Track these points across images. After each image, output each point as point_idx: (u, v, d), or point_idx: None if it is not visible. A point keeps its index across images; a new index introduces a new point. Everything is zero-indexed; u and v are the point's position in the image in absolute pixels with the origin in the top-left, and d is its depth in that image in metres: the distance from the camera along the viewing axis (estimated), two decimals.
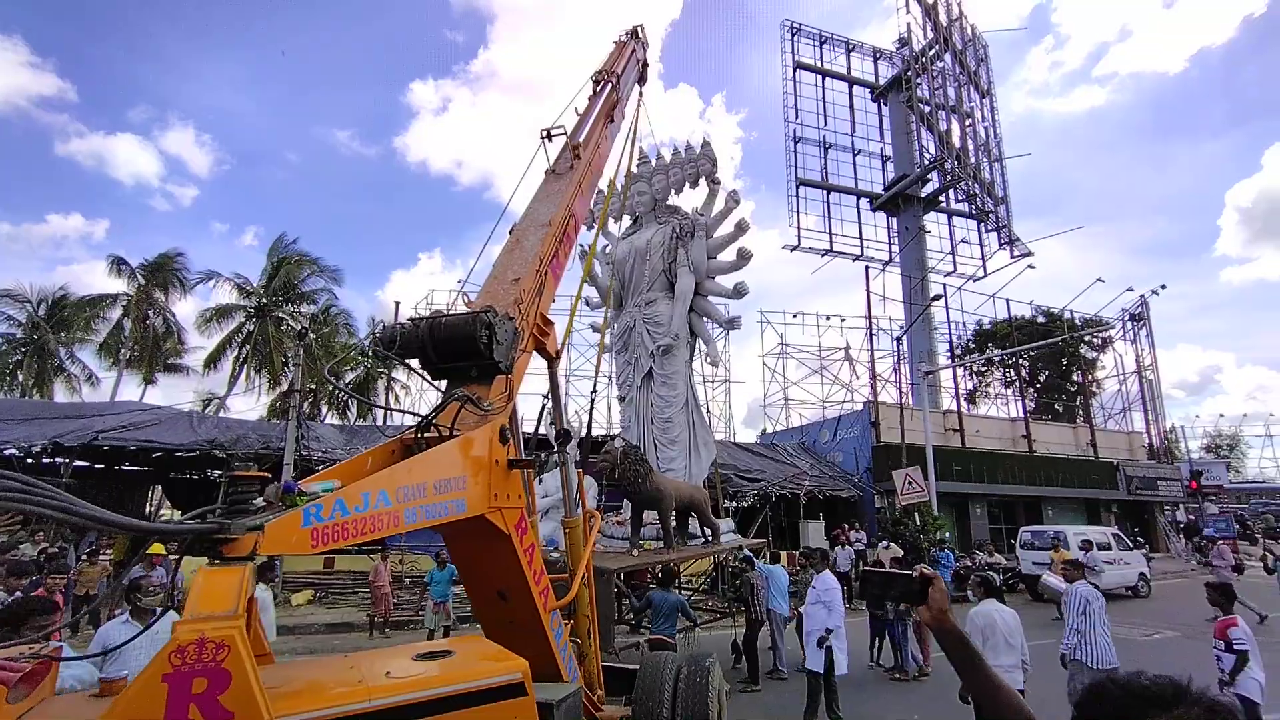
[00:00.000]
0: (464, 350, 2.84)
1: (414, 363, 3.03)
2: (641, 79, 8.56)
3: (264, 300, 27.07)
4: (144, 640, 3.03)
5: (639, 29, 8.42)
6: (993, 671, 1.38)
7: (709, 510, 9.63)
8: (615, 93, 6.68)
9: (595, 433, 21.11)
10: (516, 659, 2.37)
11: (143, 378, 27.28)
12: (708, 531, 9.55)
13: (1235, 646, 5.52)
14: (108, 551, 13.91)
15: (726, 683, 6.33)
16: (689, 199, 12.25)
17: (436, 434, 2.65)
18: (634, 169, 10.99)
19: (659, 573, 8.56)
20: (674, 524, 8.73)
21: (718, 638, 9.82)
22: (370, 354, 25.44)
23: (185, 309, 27.25)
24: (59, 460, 15.92)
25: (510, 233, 4.19)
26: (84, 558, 11.76)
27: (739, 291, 11.36)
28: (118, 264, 26.17)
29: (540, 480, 12.04)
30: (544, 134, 5.44)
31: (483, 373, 2.95)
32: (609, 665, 5.60)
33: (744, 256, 11.39)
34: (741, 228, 11.53)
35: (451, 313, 2.97)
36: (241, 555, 1.79)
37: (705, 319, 11.77)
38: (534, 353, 3.69)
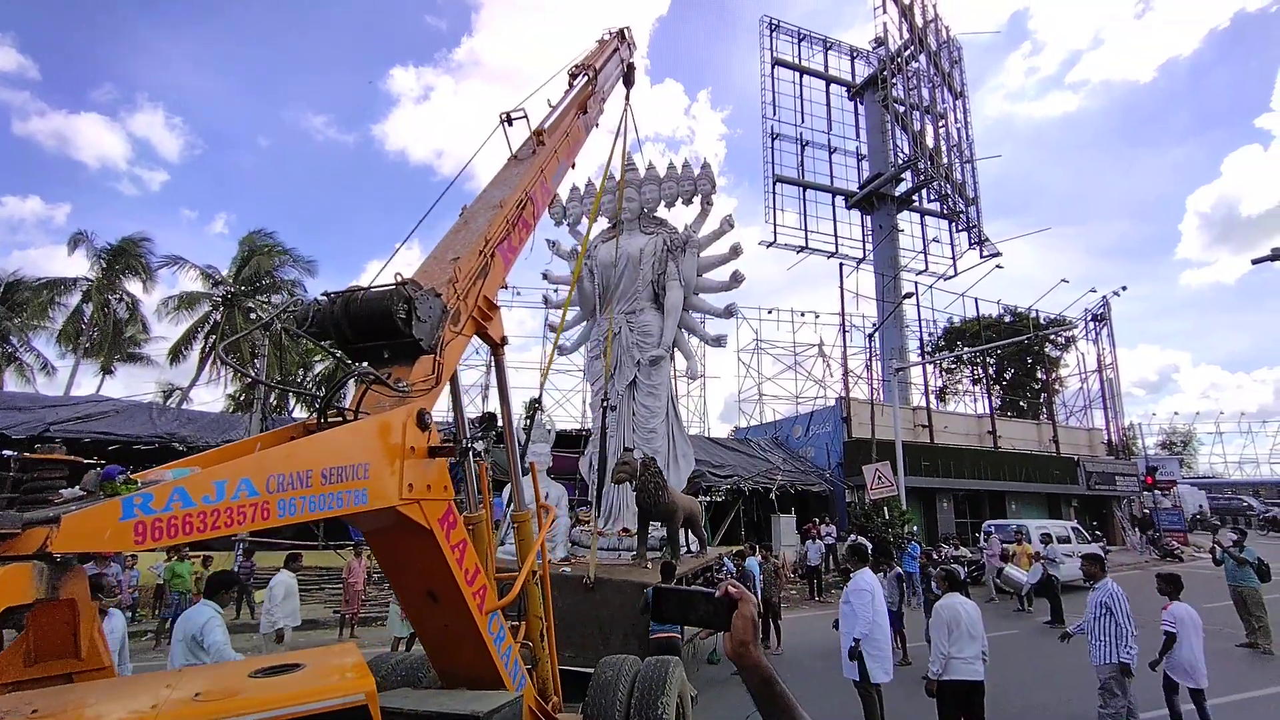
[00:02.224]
0: (382, 328, 2.62)
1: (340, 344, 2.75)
2: (628, 82, 8.33)
3: (232, 290, 26.34)
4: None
5: (625, 30, 8.14)
6: (802, 717, 1.17)
7: (700, 523, 10.19)
8: (591, 85, 6.41)
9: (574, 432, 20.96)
10: (364, 678, 1.93)
11: (101, 367, 26.28)
12: (694, 542, 10.12)
13: (1164, 629, 6.00)
14: None
15: (695, 688, 6.28)
16: (675, 214, 12.29)
17: (341, 418, 2.41)
18: (623, 174, 11.09)
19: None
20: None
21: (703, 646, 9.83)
22: (286, 334, 24.62)
23: (152, 297, 26.42)
24: (7, 452, 15.31)
25: (461, 214, 4.04)
26: None
27: (730, 312, 11.65)
28: (75, 242, 25.07)
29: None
30: (503, 117, 5.22)
31: (403, 352, 2.72)
32: (572, 670, 5.47)
33: (737, 279, 11.62)
34: (736, 251, 11.70)
35: (370, 286, 2.74)
36: (25, 553, 1.50)
37: (685, 332, 11.87)
38: (477, 337, 3.55)
